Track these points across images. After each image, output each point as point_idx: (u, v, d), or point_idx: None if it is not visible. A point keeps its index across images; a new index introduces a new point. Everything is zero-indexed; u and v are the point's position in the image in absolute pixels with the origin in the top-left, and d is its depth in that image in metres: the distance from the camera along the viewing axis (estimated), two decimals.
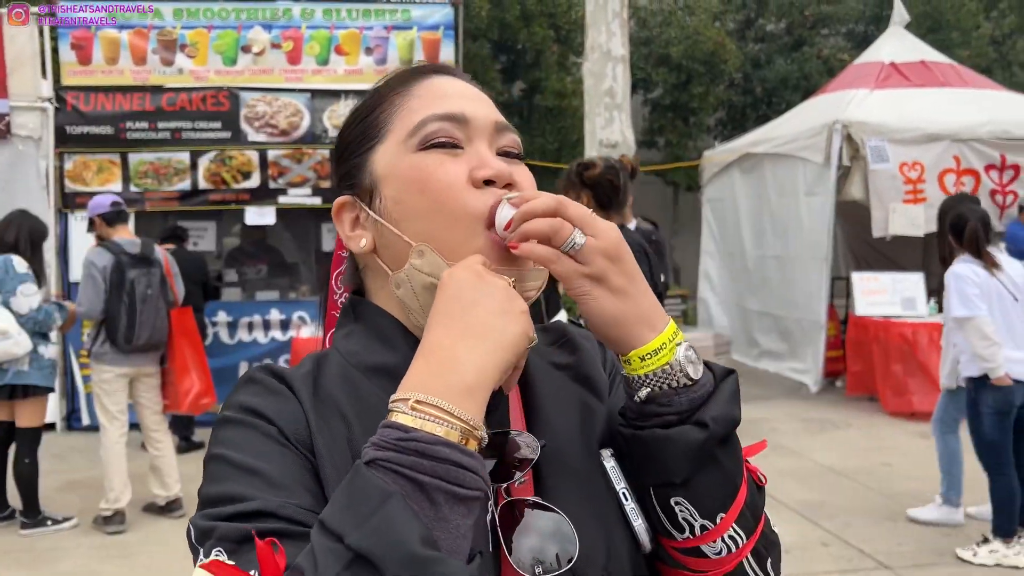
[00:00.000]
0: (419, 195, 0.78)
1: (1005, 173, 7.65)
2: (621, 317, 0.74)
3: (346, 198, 0.85)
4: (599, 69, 8.11)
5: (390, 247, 0.80)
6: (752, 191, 8.98)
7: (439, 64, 0.88)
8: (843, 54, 12.51)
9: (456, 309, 0.70)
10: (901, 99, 7.90)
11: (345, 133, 0.87)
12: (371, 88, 0.88)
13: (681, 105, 12.57)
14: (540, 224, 0.73)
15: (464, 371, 0.67)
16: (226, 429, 0.74)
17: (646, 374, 0.75)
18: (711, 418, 0.74)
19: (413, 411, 0.64)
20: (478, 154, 0.80)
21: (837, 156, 7.44)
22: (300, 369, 0.79)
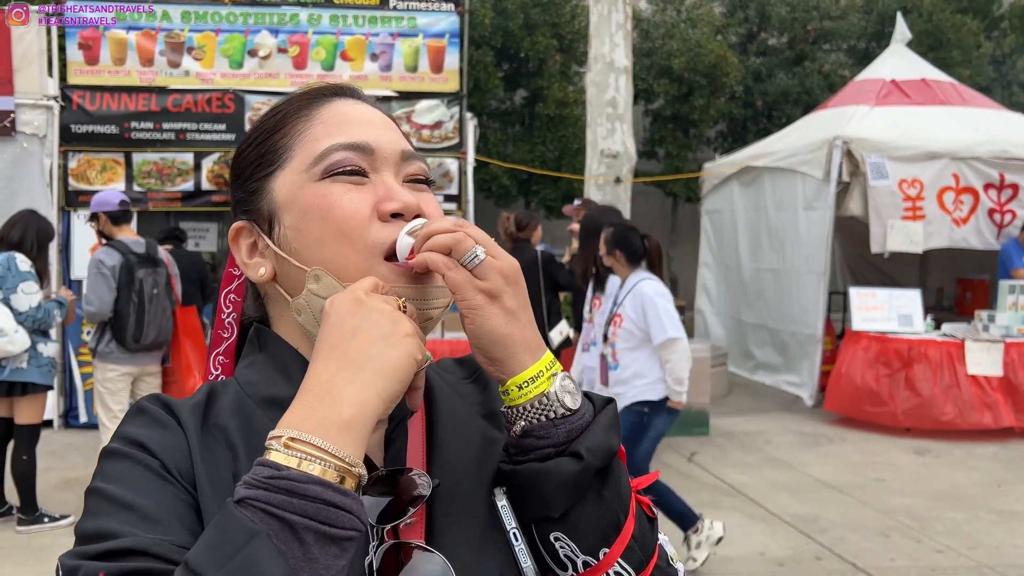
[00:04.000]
0: (320, 224, 0.76)
1: (1003, 192, 7.71)
2: (507, 338, 0.72)
3: (243, 224, 0.83)
4: (602, 79, 8.16)
5: (290, 276, 0.79)
6: (751, 204, 9.03)
7: (342, 86, 0.85)
8: (844, 70, 12.58)
9: (336, 339, 0.68)
10: (901, 116, 7.96)
11: (242, 155, 0.84)
12: (270, 108, 0.85)
13: (682, 117, 12.63)
14: (442, 237, 0.72)
15: (341, 405, 0.64)
16: (108, 462, 0.72)
17: (523, 405, 0.73)
18: (586, 449, 0.72)
19: (287, 449, 0.62)
20: (385, 185, 0.78)
21: (837, 172, 7.48)
22: (191, 399, 0.77)
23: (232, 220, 0.89)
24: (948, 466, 6.12)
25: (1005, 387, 6.89)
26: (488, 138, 11.90)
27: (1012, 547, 4.52)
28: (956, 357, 6.90)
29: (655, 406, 4.01)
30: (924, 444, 6.61)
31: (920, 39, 11.07)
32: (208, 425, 0.75)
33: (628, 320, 4.03)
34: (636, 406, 4.01)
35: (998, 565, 4.26)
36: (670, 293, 4.07)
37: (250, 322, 0.87)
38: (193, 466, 0.72)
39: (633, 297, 4.02)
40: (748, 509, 5.07)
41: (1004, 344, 6.92)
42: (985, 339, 7.02)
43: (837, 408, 7.28)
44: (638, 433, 4.00)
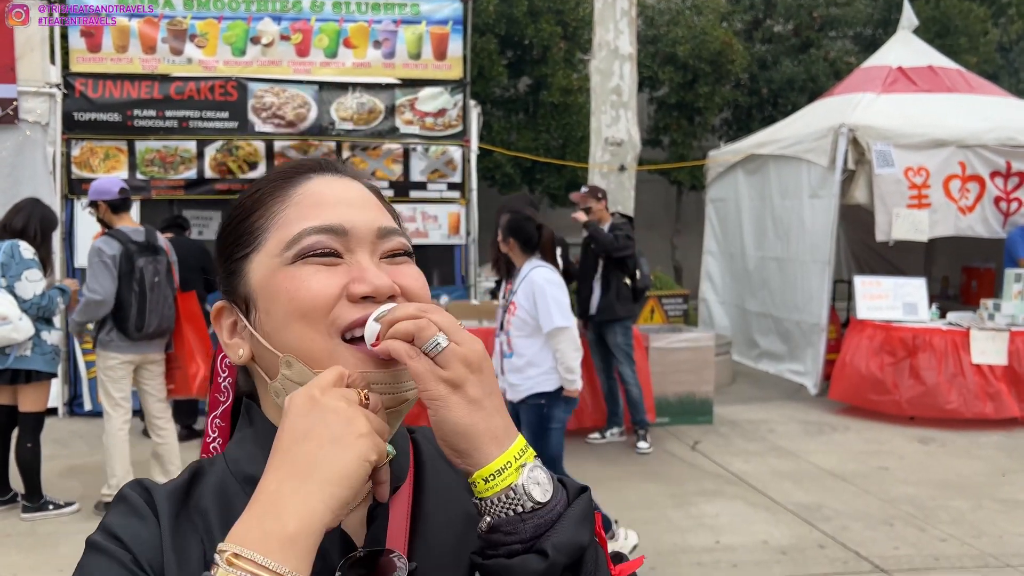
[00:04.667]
0: (286, 306, 0.76)
1: (1010, 180, 7.67)
2: (472, 429, 0.70)
3: (223, 304, 0.83)
4: (606, 67, 8.12)
5: (265, 359, 0.79)
6: (756, 192, 8.99)
7: (320, 161, 0.84)
8: (850, 57, 12.50)
9: (288, 442, 0.67)
10: (908, 104, 7.91)
11: (224, 233, 0.84)
12: (251, 185, 0.85)
13: (687, 104, 12.57)
14: (404, 324, 0.71)
15: (286, 518, 0.63)
16: (87, 555, 0.73)
17: (489, 499, 0.71)
18: (552, 546, 0.69)
19: (229, 566, 0.61)
20: (359, 265, 0.77)
21: (842, 159, 7.44)
22: (172, 483, 0.78)
23: None
24: (952, 455, 6.11)
25: (1009, 376, 6.87)
26: (492, 126, 11.87)
27: (1016, 536, 4.51)
28: (961, 346, 6.88)
29: (551, 397, 3.98)
30: (928, 433, 6.60)
31: (927, 26, 10.99)
32: (188, 510, 0.76)
33: (521, 308, 3.99)
34: (532, 399, 3.98)
35: (1002, 554, 4.25)
36: (563, 281, 4.01)
37: (242, 395, 0.88)
38: (163, 558, 0.72)
39: (526, 285, 3.97)
40: (751, 497, 5.07)
41: (1009, 333, 6.90)
42: (990, 328, 6.99)
43: (841, 397, 7.26)
44: (541, 428, 3.98)
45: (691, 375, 6.78)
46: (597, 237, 5.96)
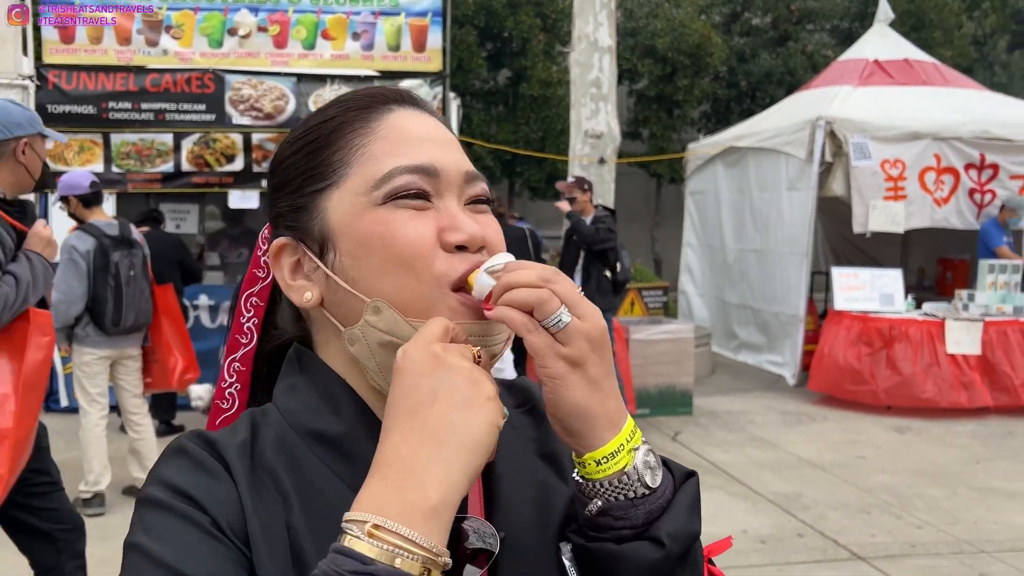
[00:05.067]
0: (382, 253, 0.70)
1: (984, 172, 7.76)
2: (589, 411, 0.67)
3: (287, 241, 0.76)
4: (586, 59, 8.13)
5: (343, 304, 0.73)
6: (734, 185, 9.05)
7: (401, 92, 0.78)
8: (827, 50, 12.59)
9: (412, 405, 0.62)
10: (884, 97, 7.98)
11: (285, 163, 0.77)
12: (320, 113, 0.77)
13: (666, 97, 12.60)
14: (524, 294, 0.66)
15: (427, 488, 0.59)
16: (150, 513, 0.65)
17: (600, 481, 0.68)
18: (667, 535, 0.67)
19: (371, 538, 0.57)
20: (448, 212, 0.72)
21: (820, 152, 7.50)
22: (236, 436, 0.71)
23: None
24: (928, 444, 6.20)
25: (982, 366, 6.97)
26: (472, 118, 11.85)
27: (990, 523, 4.58)
28: (936, 336, 6.97)
29: None
30: (904, 422, 6.69)
31: (903, 19, 11.09)
32: (255, 467, 0.69)
33: None
34: None
35: (976, 540, 4.32)
36: None
37: (288, 340, 0.81)
38: (246, 521, 0.65)
39: None
40: (731, 487, 5.11)
41: (983, 323, 7.00)
42: (965, 318, 7.09)
43: (820, 387, 7.34)
44: None
45: (671, 367, 6.83)
46: (579, 229, 5.98)
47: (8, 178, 2.59)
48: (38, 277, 2.51)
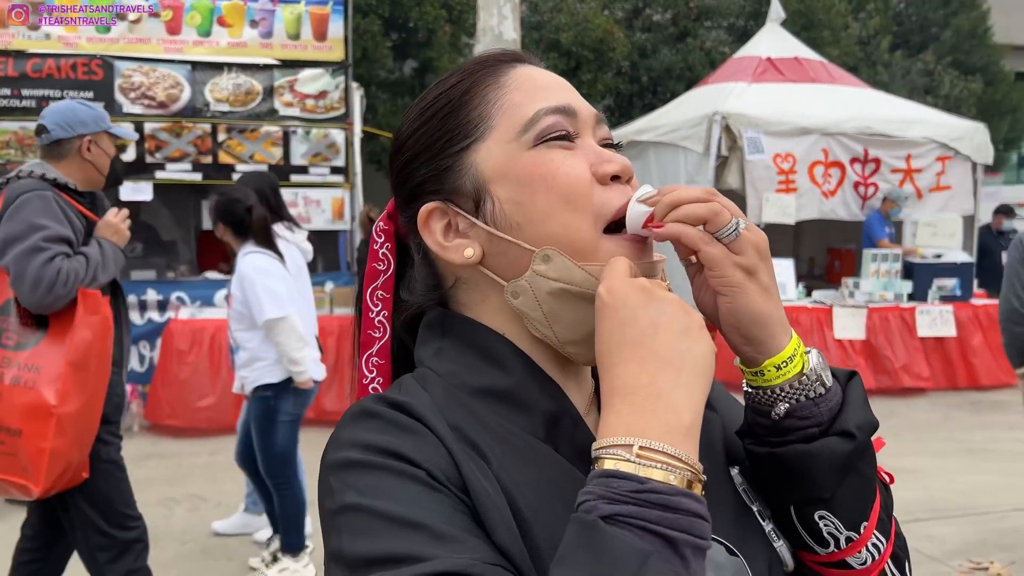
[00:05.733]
0: (546, 194, 0.71)
1: (867, 166, 8.18)
2: (767, 316, 0.70)
3: (435, 205, 0.75)
4: None
5: (504, 255, 0.73)
6: (638, 177, 9.14)
7: (519, 53, 0.80)
8: (724, 47, 13.00)
9: (636, 336, 0.63)
10: (776, 93, 8.31)
11: (417, 133, 0.77)
12: (445, 81, 0.78)
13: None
14: (697, 208, 0.69)
15: (679, 409, 0.61)
16: (357, 473, 0.63)
17: (781, 385, 0.71)
18: (856, 427, 0.71)
19: (639, 459, 0.58)
20: (592, 149, 0.75)
21: (716, 146, 7.75)
22: (419, 396, 0.70)
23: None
24: None
25: (866, 350, 7.37)
26: (377, 109, 11.71)
27: None
28: (825, 322, 7.33)
29: (278, 388, 3.61)
30: None
31: (793, 19, 11.54)
32: (448, 424, 0.68)
33: (236, 300, 3.62)
34: (260, 390, 3.62)
35: None
36: (278, 267, 3.58)
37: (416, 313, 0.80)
38: (460, 472, 0.65)
39: (237, 274, 3.60)
40: None
41: (867, 309, 7.39)
42: (851, 305, 7.47)
43: (723, 376, 7.60)
44: (268, 421, 3.64)
45: None
46: None
47: (77, 174, 2.76)
48: (108, 260, 2.66)
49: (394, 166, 0.80)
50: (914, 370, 7.34)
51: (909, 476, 5.25)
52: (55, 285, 2.48)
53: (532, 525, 0.64)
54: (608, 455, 0.60)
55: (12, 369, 2.49)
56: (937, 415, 6.70)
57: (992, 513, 4.63)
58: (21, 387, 2.47)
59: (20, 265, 2.48)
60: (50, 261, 2.49)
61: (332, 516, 0.64)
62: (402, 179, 0.79)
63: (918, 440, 5.94)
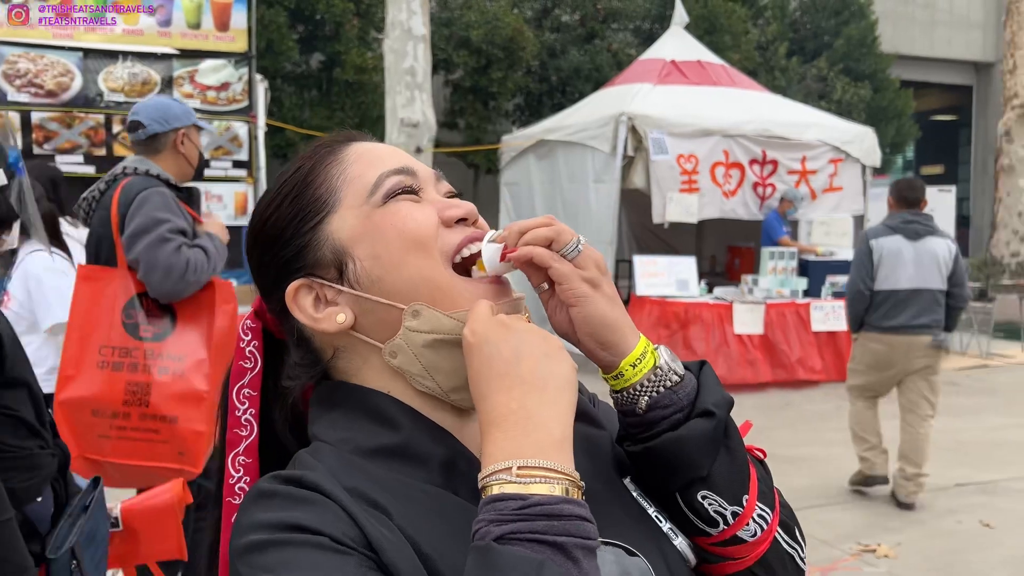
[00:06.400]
0: (398, 241, 0.75)
1: (765, 167, 8.50)
2: (616, 320, 0.76)
3: (301, 281, 0.78)
4: (400, 47, 8.08)
5: (373, 314, 0.76)
6: (546, 177, 9.34)
7: (352, 132, 0.86)
8: (631, 49, 13.26)
9: (501, 367, 0.68)
10: (680, 95, 8.53)
11: (271, 221, 0.80)
12: (288, 171, 0.82)
13: (481, 89, 12.77)
14: (543, 231, 0.76)
15: (549, 426, 0.66)
16: (264, 554, 0.64)
17: (639, 382, 0.77)
18: (713, 405, 0.77)
19: (519, 478, 0.62)
20: (438, 199, 0.80)
21: (622, 146, 7.91)
22: (312, 469, 0.71)
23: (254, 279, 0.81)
24: None
25: (764, 345, 7.67)
26: (283, 102, 11.44)
27: None
28: (725, 318, 7.58)
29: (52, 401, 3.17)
30: None
31: (696, 23, 11.87)
32: (344, 490, 0.69)
33: (15, 300, 3.30)
34: None
35: None
36: (68, 268, 3.24)
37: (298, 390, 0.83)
38: (361, 529, 0.66)
39: (20, 273, 3.27)
40: None
41: (765, 305, 7.69)
42: (750, 301, 7.75)
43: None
44: None
45: None
46: None
47: (172, 168, 2.86)
48: (221, 254, 2.79)
49: (252, 258, 0.83)
50: (808, 363, 7.68)
51: (804, 464, 5.49)
52: (186, 273, 2.60)
53: (439, 567, 0.66)
54: (492, 482, 0.64)
55: (158, 360, 2.60)
56: (830, 406, 7.03)
57: (879, 498, 4.89)
58: (171, 376, 2.58)
59: (151, 255, 2.60)
60: (178, 250, 2.61)
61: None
62: (263, 268, 0.81)
63: (812, 430, 6.21)
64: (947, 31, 18.28)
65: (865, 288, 4.72)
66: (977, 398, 7.51)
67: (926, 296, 4.64)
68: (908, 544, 4.19)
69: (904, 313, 4.64)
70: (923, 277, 4.64)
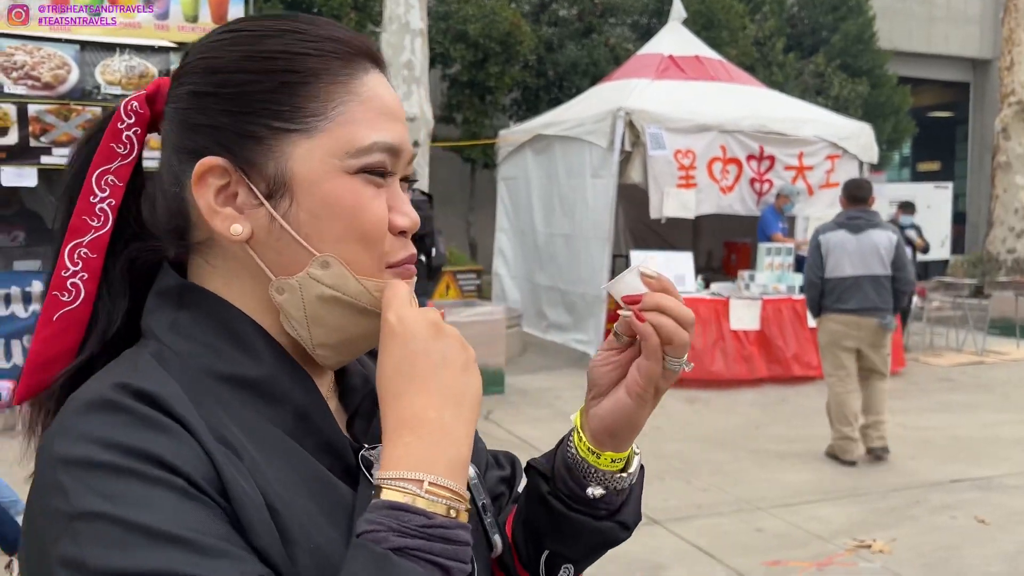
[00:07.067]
0: (348, 224, 0.70)
1: (762, 163, 8.51)
2: (637, 427, 0.79)
3: (223, 164, 0.69)
4: (397, 40, 8.07)
5: (281, 252, 0.70)
6: (543, 171, 9.34)
7: (375, 52, 0.75)
8: (628, 44, 13.24)
9: (427, 370, 0.66)
10: (677, 90, 8.53)
11: (243, 74, 0.70)
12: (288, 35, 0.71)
13: (478, 83, 12.75)
14: (672, 329, 0.74)
15: (459, 445, 0.66)
16: (103, 478, 0.58)
17: (606, 472, 0.80)
18: (632, 521, 0.83)
19: (428, 494, 0.62)
20: (395, 192, 0.74)
21: (620, 142, 7.90)
22: (165, 386, 0.64)
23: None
24: (715, 413, 6.76)
25: (760, 340, 7.68)
26: None
27: (764, 481, 5.09)
28: (722, 314, 7.59)
29: None
30: (695, 394, 7.24)
31: (694, 18, 11.86)
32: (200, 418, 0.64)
33: None
34: None
35: (753, 498, 4.78)
36: None
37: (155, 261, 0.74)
38: (219, 473, 0.61)
39: None
40: None
41: (762, 301, 7.70)
42: (746, 296, 7.77)
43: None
44: None
45: (484, 347, 6.97)
46: None
47: None
48: None
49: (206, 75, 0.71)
50: (804, 359, 7.69)
51: (798, 459, 5.51)
52: None
53: (286, 520, 0.64)
54: (396, 487, 0.62)
55: None
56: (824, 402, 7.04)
57: (874, 494, 4.91)
58: None
59: None
60: None
61: (66, 519, 0.57)
62: (203, 101, 0.71)
63: (806, 426, 6.23)
64: (945, 27, 18.30)
65: (815, 277, 5.42)
66: (972, 394, 7.54)
67: (870, 282, 5.28)
68: (903, 539, 4.21)
69: (853, 298, 5.30)
70: (866, 265, 5.28)
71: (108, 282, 0.75)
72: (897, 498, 4.85)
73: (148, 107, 0.75)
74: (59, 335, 0.73)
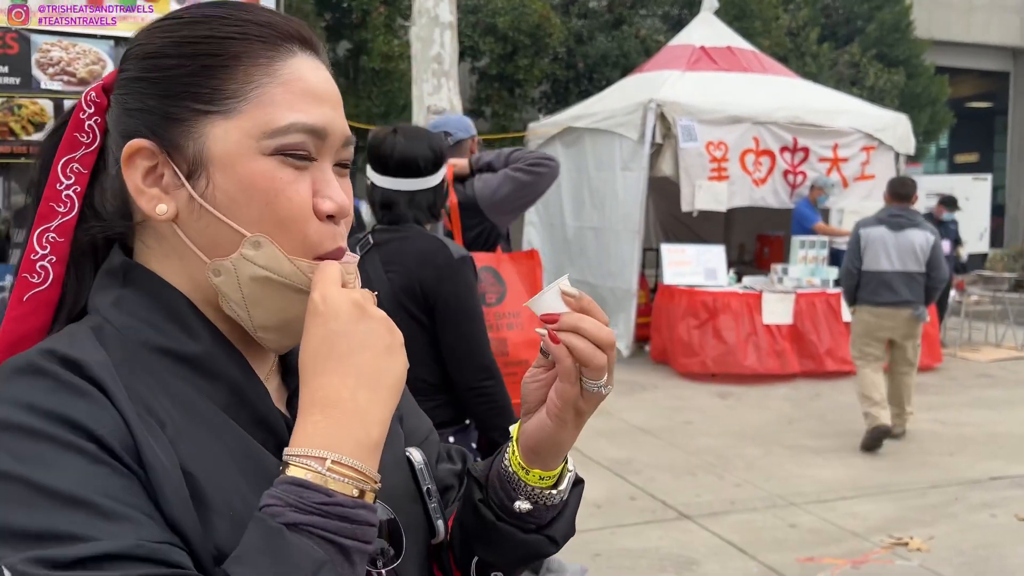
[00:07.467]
0: (261, 209, 0.70)
1: (796, 155, 8.39)
2: (563, 448, 0.79)
3: (151, 146, 0.71)
4: (426, 34, 8.06)
5: (204, 232, 0.71)
6: (573, 164, 9.29)
7: (304, 33, 0.75)
8: (659, 35, 13.12)
9: (344, 350, 0.66)
10: (709, 82, 8.43)
11: (168, 59, 0.71)
12: (214, 19, 0.72)
13: (507, 76, 12.72)
14: (590, 352, 0.73)
15: (371, 428, 0.65)
16: (17, 438, 0.60)
17: (535, 487, 0.79)
18: (562, 536, 0.82)
19: (330, 472, 0.63)
20: (323, 176, 0.73)
21: (651, 134, 7.84)
22: (93, 353, 0.66)
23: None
24: (747, 408, 6.68)
25: (792, 335, 7.58)
26: None
27: (799, 477, 5.02)
28: (754, 308, 7.50)
29: None
30: (727, 388, 7.17)
31: (726, 8, 11.71)
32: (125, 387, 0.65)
33: None
34: None
35: (787, 494, 4.72)
36: None
37: (105, 240, 0.76)
38: (134, 438, 0.63)
39: None
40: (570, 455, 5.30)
41: (795, 295, 7.59)
42: (779, 290, 7.66)
43: (660, 357, 7.79)
44: None
45: None
46: None
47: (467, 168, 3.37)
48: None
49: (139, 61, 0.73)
50: (838, 354, 7.57)
51: (834, 455, 5.43)
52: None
53: (205, 487, 0.65)
54: (300, 464, 0.63)
55: (505, 319, 3.11)
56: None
57: (911, 490, 4.82)
58: (517, 329, 3.07)
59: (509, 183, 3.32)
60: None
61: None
62: (136, 86, 0.73)
63: (841, 421, 6.14)
64: (984, 15, 17.89)
65: (853, 268, 5.68)
66: (1012, 390, 7.38)
67: (903, 277, 5.52)
68: (941, 538, 4.13)
69: (886, 292, 5.55)
70: (902, 261, 5.52)
71: (75, 263, 0.77)
72: (935, 495, 4.75)
73: (104, 96, 0.77)
74: (29, 315, 0.75)
